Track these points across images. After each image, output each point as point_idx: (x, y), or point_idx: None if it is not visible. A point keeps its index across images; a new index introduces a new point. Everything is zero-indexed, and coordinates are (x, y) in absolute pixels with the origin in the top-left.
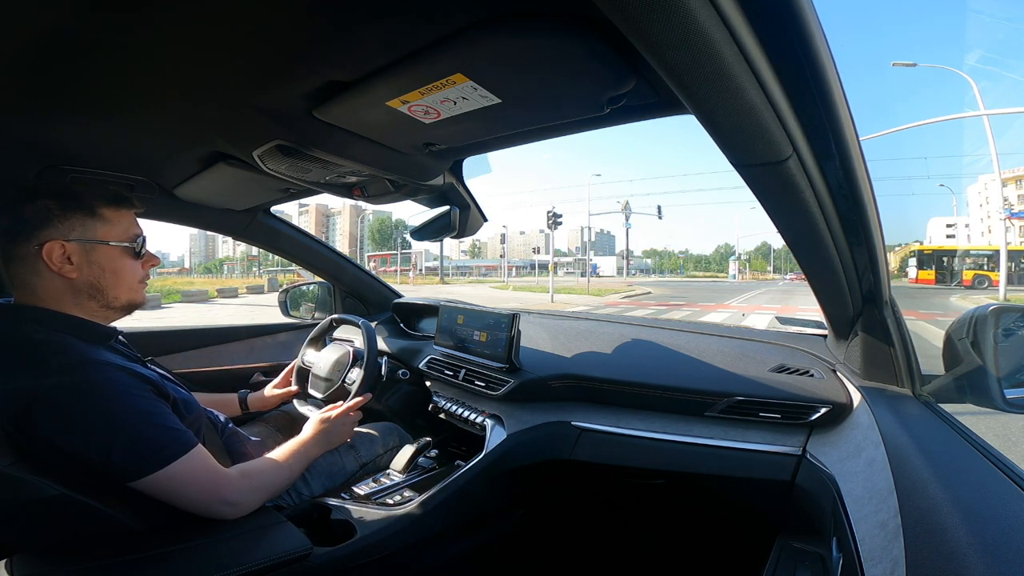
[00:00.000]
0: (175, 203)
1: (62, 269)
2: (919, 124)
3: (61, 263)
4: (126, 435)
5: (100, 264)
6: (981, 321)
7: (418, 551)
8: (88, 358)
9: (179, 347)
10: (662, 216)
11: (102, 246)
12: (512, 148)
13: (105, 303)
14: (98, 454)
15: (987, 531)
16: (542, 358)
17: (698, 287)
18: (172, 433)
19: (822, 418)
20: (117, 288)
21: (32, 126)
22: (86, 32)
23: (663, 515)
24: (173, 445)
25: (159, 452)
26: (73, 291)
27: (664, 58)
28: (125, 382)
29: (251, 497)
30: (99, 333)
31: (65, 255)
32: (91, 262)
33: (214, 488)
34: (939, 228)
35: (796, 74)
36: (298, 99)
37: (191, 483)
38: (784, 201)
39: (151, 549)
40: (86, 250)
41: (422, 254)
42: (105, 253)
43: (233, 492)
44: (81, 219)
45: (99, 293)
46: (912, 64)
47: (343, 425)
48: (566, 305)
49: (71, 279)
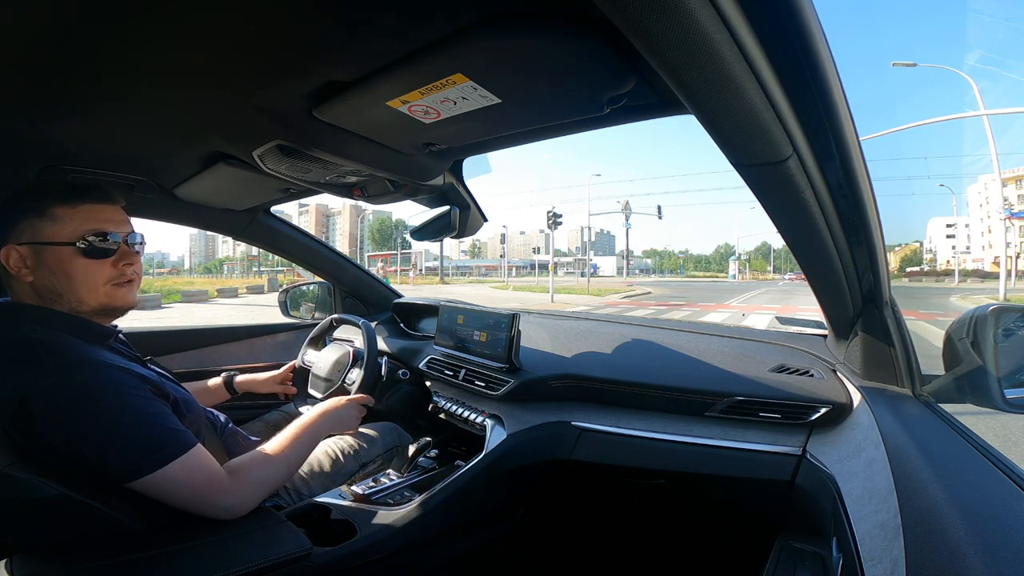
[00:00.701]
0: (175, 203)
1: (20, 273)
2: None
3: (18, 267)
4: (122, 435)
5: (49, 266)
6: (981, 321)
7: (418, 551)
8: (86, 358)
9: (179, 347)
10: (662, 216)
11: (49, 247)
12: (512, 148)
13: (72, 308)
14: (94, 454)
15: (987, 531)
16: (542, 358)
17: (698, 287)
18: (170, 434)
19: (822, 418)
20: (74, 291)
21: (32, 126)
22: (86, 32)
23: (663, 515)
24: (170, 446)
25: (155, 453)
26: (38, 295)
27: (664, 58)
28: (123, 382)
29: (245, 497)
30: (98, 332)
31: (21, 259)
32: (41, 264)
33: (207, 491)
34: (939, 228)
35: (796, 74)
36: (298, 99)
37: (185, 485)
38: (784, 201)
39: (151, 549)
40: (36, 252)
41: (422, 254)
42: (54, 254)
43: (227, 496)
44: (29, 220)
45: (59, 297)
46: (912, 64)
47: (351, 410)
48: (566, 305)
49: (30, 282)
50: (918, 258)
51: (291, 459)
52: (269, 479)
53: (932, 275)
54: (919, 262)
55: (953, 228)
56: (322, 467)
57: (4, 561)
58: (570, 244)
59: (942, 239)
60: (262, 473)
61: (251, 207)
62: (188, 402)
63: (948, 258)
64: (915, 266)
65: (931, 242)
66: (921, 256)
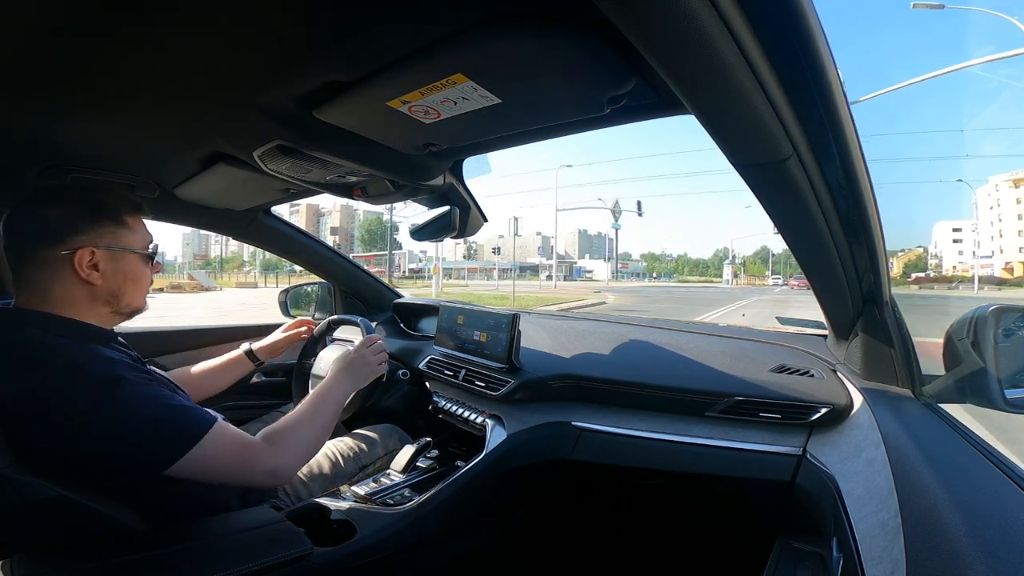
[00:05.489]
0: (175, 203)
1: (89, 276)
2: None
3: (89, 270)
4: (149, 424)
5: (124, 271)
6: (981, 321)
7: (418, 551)
8: (94, 355)
9: (177, 347)
10: (642, 213)
11: (129, 254)
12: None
13: (117, 309)
14: (127, 448)
15: (987, 531)
16: (542, 358)
17: (679, 293)
18: (191, 412)
19: (822, 418)
20: (133, 295)
21: (32, 126)
22: (86, 32)
23: (663, 515)
24: (197, 424)
25: (184, 432)
26: (91, 297)
27: (664, 58)
28: (131, 374)
29: (289, 458)
30: (100, 335)
31: (93, 262)
32: (116, 270)
33: (246, 458)
34: (945, 233)
35: (796, 74)
36: (298, 99)
37: (224, 457)
38: (784, 201)
39: (151, 549)
40: (114, 258)
41: (406, 255)
42: (130, 261)
43: (267, 459)
44: (110, 227)
45: (115, 300)
46: (939, 6)
47: (366, 358)
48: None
49: (95, 286)
50: (923, 263)
51: (324, 418)
52: (307, 439)
53: (942, 281)
54: (924, 267)
55: (960, 232)
56: (322, 469)
57: (4, 561)
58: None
59: (948, 243)
60: (300, 434)
61: (251, 207)
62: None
63: (954, 263)
64: (920, 271)
65: (936, 247)
66: (926, 262)
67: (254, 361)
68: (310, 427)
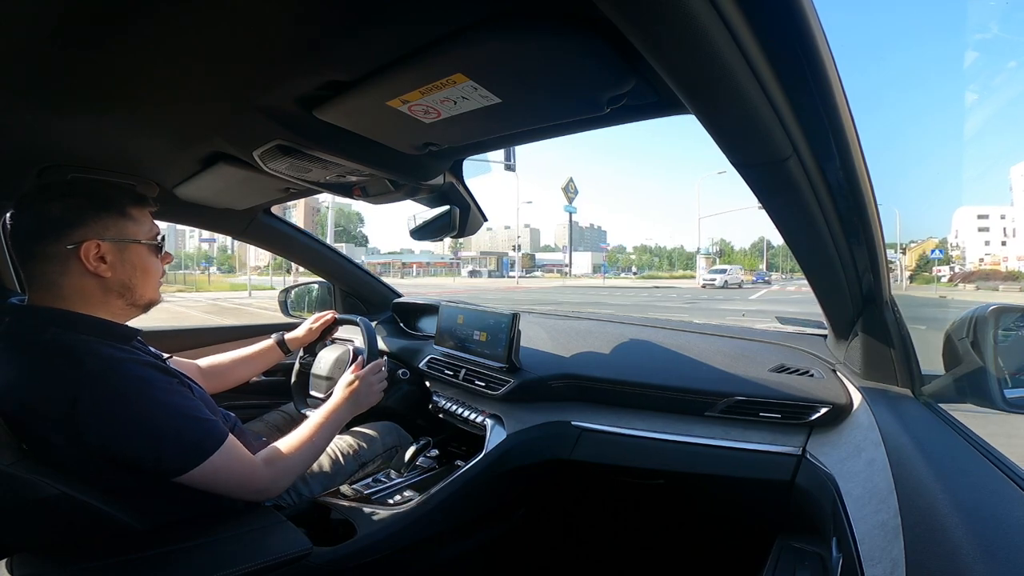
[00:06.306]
0: (175, 203)
1: (97, 268)
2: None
3: (96, 262)
4: (172, 433)
5: (132, 263)
6: (981, 321)
7: (418, 551)
8: (118, 357)
9: (179, 347)
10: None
11: (135, 245)
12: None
13: (131, 301)
14: (150, 455)
15: (987, 531)
16: (542, 358)
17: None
18: (208, 425)
19: (822, 418)
20: (145, 286)
21: (32, 126)
22: (86, 32)
23: (663, 515)
24: (211, 438)
25: (199, 445)
26: (103, 290)
27: (664, 58)
28: (158, 379)
29: (278, 483)
30: (122, 334)
31: (99, 254)
32: (124, 261)
33: (246, 477)
34: (968, 220)
35: (796, 74)
36: (298, 99)
37: (226, 473)
38: (784, 201)
39: (151, 549)
40: (120, 249)
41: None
42: (137, 252)
43: (262, 481)
44: (114, 219)
45: (128, 291)
46: None
47: (372, 385)
48: None
49: (104, 278)
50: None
51: (317, 445)
52: (297, 466)
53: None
54: (946, 260)
55: (986, 220)
56: (321, 467)
57: (4, 561)
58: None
59: (972, 232)
60: (292, 460)
61: (251, 207)
62: (207, 400)
63: (981, 256)
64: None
65: (957, 236)
66: (948, 255)
67: (284, 351)
68: (309, 451)
